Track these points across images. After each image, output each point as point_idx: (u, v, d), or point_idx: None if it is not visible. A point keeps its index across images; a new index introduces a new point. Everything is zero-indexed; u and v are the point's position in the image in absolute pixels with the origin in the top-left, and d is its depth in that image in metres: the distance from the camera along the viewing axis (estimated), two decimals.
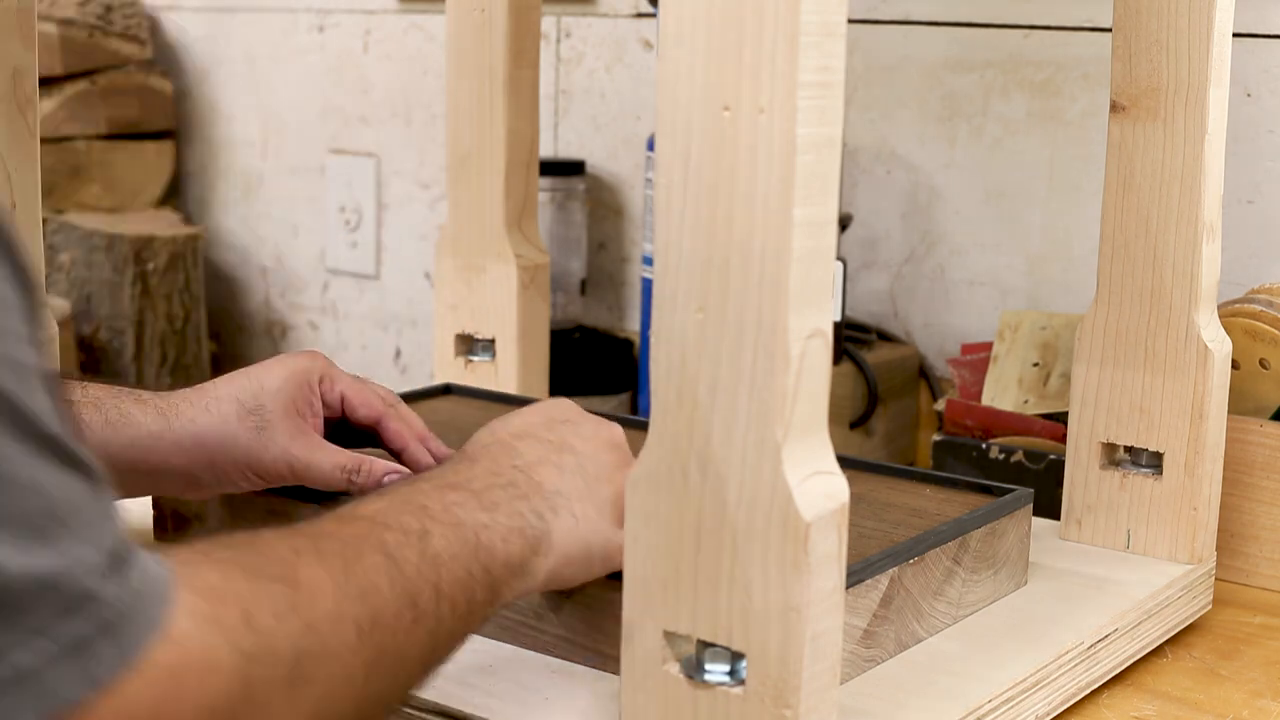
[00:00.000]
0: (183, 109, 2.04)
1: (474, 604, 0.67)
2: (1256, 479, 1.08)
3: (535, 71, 1.24)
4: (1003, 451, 1.19)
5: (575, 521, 0.74)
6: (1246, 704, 0.89)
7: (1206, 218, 0.96)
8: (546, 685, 0.79)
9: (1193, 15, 0.94)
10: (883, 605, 0.81)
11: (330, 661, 0.57)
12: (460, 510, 0.68)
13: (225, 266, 2.04)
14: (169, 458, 0.85)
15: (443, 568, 0.65)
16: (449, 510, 0.68)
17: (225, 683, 0.53)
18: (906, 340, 1.50)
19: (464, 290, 1.26)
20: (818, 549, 0.63)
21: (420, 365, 1.86)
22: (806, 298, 0.62)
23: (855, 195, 1.50)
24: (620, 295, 1.68)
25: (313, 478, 0.86)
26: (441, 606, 0.64)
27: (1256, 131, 1.29)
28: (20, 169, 1.00)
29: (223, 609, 0.54)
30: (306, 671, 0.56)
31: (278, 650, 0.55)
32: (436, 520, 0.67)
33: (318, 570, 0.59)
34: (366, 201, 1.88)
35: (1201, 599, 1.00)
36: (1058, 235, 1.40)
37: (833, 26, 0.61)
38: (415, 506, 0.67)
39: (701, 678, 0.66)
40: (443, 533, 0.66)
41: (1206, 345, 0.97)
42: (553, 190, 1.62)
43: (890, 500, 0.93)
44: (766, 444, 0.63)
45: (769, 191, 0.61)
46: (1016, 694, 0.81)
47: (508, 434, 0.77)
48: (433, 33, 1.79)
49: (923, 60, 1.45)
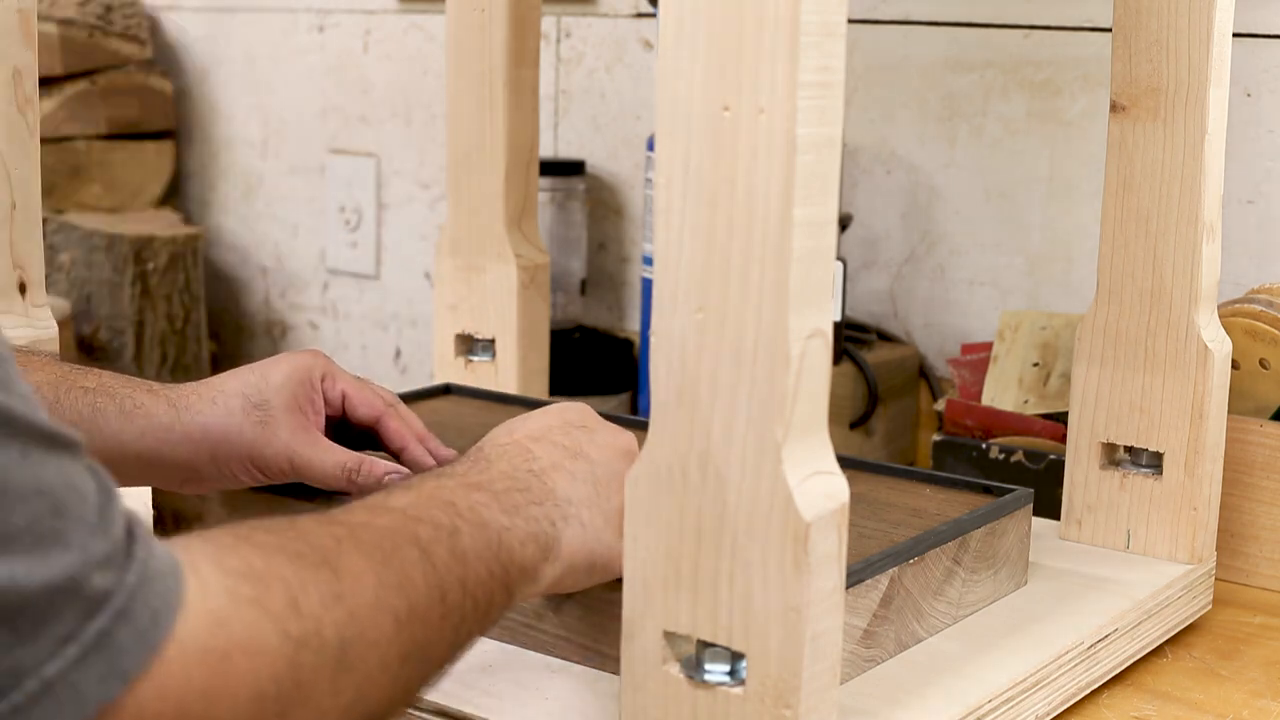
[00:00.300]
0: (183, 109, 2.04)
1: (492, 604, 0.67)
2: (1256, 479, 1.08)
3: (535, 71, 1.24)
4: (1003, 451, 1.19)
5: (583, 530, 0.74)
6: (1246, 704, 0.89)
7: (1206, 218, 0.96)
8: (546, 685, 0.79)
9: (1193, 15, 0.94)
10: (883, 605, 0.81)
11: (370, 651, 0.58)
12: (484, 511, 0.69)
13: (225, 266, 2.04)
14: (177, 449, 0.86)
15: (469, 567, 0.65)
16: (474, 509, 0.68)
17: (273, 666, 0.53)
18: (906, 340, 1.50)
19: (464, 290, 1.26)
20: (818, 549, 0.63)
21: (420, 365, 1.86)
22: (806, 298, 0.62)
23: (855, 195, 1.50)
24: (620, 295, 1.68)
25: (313, 474, 0.87)
26: (466, 603, 0.65)
27: (1256, 131, 1.29)
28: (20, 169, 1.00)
29: (267, 593, 0.54)
30: (350, 659, 0.56)
31: (324, 636, 0.55)
32: (464, 518, 0.67)
33: (359, 560, 0.59)
34: (366, 201, 1.88)
35: (1201, 599, 1.00)
36: (1058, 235, 1.40)
37: (833, 26, 0.61)
38: (443, 503, 0.67)
39: (701, 678, 0.66)
40: (470, 532, 0.67)
41: (1206, 345, 0.97)
42: (553, 190, 1.62)
43: (890, 500, 0.93)
44: (766, 444, 0.63)
45: (769, 191, 0.61)
46: (1016, 694, 0.81)
47: (525, 435, 0.77)
48: (433, 33, 1.79)
49: (923, 60, 1.45)
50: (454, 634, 0.64)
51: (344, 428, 0.92)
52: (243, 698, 0.52)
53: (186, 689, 0.50)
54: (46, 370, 0.86)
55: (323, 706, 0.56)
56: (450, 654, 0.65)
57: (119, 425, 0.85)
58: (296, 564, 0.56)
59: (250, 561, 0.54)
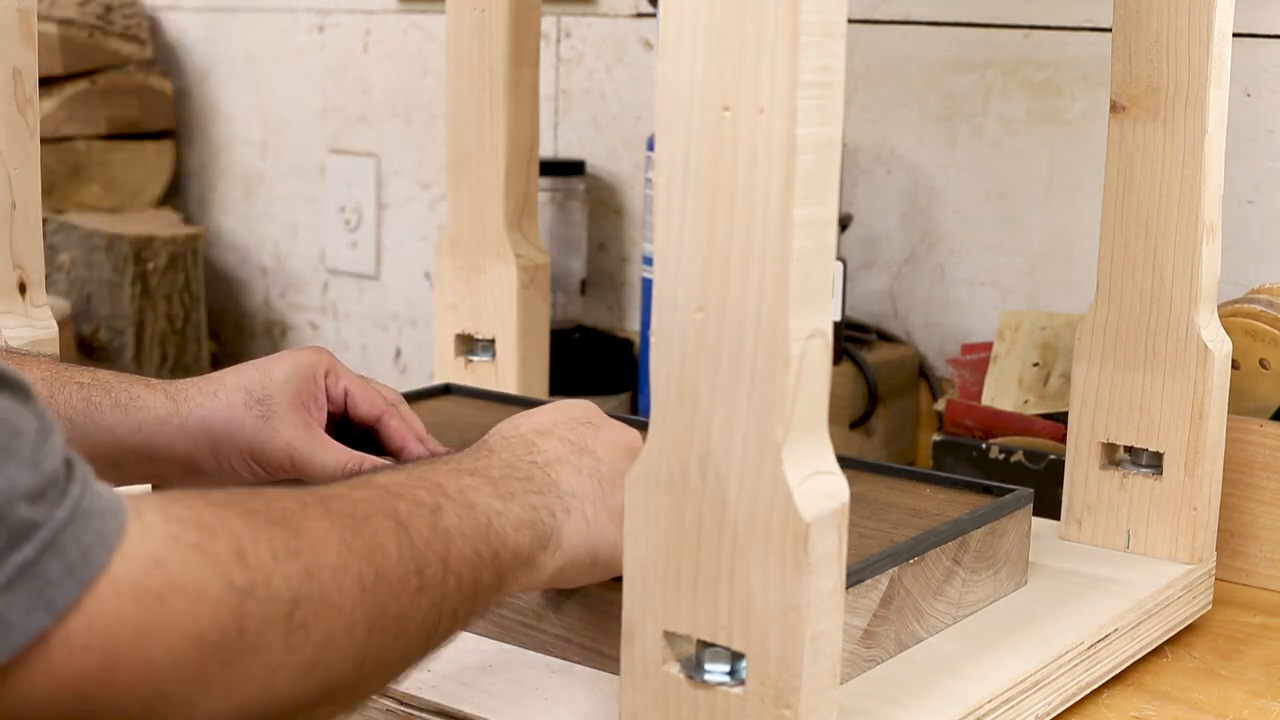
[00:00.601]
0: (183, 109, 2.04)
1: (480, 586, 0.67)
2: (1256, 479, 1.08)
3: (535, 71, 1.24)
4: (1003, 451, 1.19)
5: (586, 524, 0.74)
6: (1246, 704, 0.89)
7: (1206, 218, 0.96)
8: (546, 685, 0.79)
9: (1193, 15, 0.94)
10: (883, 605, 0.81)
11: (331, 612, 0.58)
12: (475, 494, 0.69)
13: (225, 266, 2.04)
14: (174, 442, 0.86)
15: (452, 544, 0.65)
16: (464, 492, 0.68)
17: (213, 611, 0.53)
18: (906, 340, 1.50)
19: (464, 290, 1.26)
20: (818, 549, 0.63)
21: (420, 365, 1.86)
22: (806, 298, 0.62)
23: (855, 195, 1.50)
24: (620, 295, 1.68)
25: (314, 471, 0.87)
26: (448, 581, 0.64)
27: (1256, 131, 1.29)
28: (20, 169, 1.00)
29: (213, 542, 0.54)
30: (305, 617, 0.56)
31: (273, 588, 0.55)
32: (450, 498, 0.67)
33: (324, 524, 0.59)
34: (366, 201, 1.88)
35: (1201, 599, 1.00)
36: (1058, 235, 1.40)
37: (833, 26, 0.61)
38: (430, 483, 0.67)
39: (701, 678, 0.66)
40: (455, 511, 0.66)
41: (1206, 345, 0.97)
42: (553, 190, 1.62)
43: (890, 500, 0.93)
44: (766, 444, 0.63)
45: (769, 191, 0.61)
46: (1016, 694, 0.81)
47: (530, 429, 0.77)
48: (433, 33, 1.79)
49: (923, 60, 1.46)
50: (433, 610, 0.63)
51: (345, 426, 0.92)
52: (178, 640, 0.52)
53: (118, 626, 0.50)
54: (41, 368, 0.86)
55: (274, 661, 0.55)
56: (431, 631, 0.64)
57: (114, 419, 0.85)
58: (249, 519, 0.56)
59: (199, 513, 0.55)
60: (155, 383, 0.87)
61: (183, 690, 0.52)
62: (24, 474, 0.49)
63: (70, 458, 0.52)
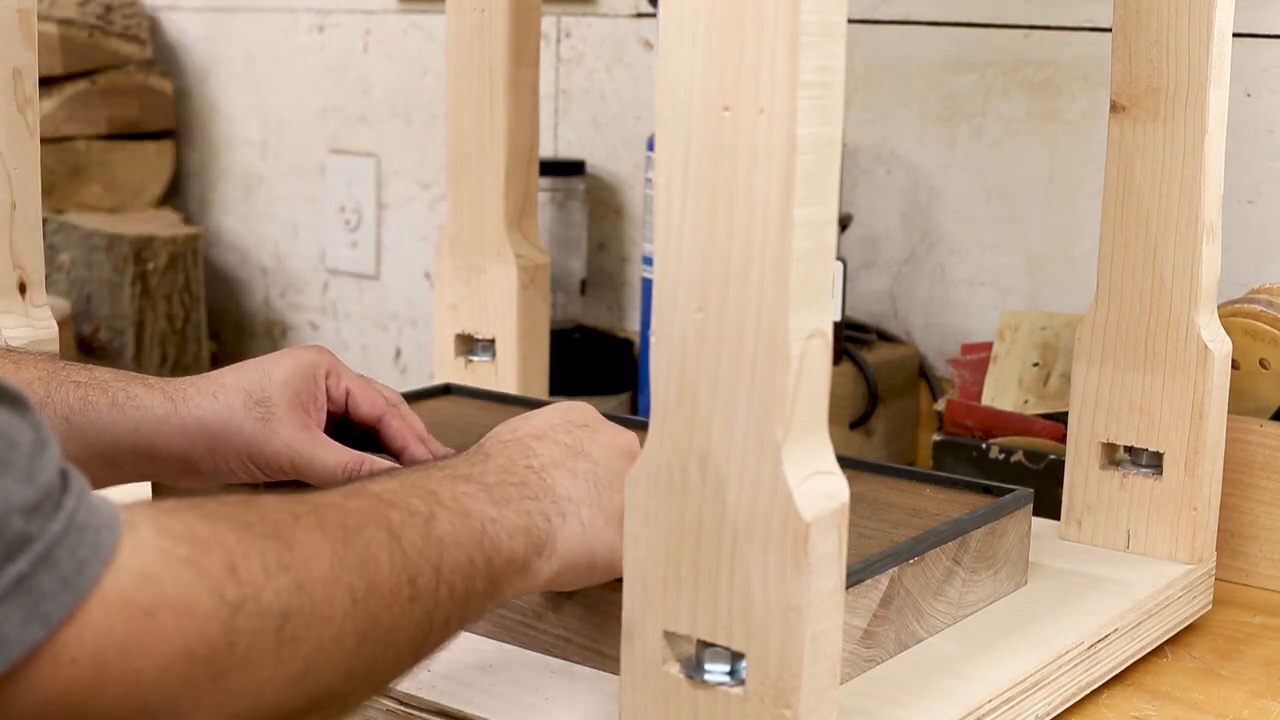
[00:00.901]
0: (183, 109, 2.04)
1: (473, 593, 0.67)
2: (1256, 479, 1.08)
3: (535, 71, 1.24)
4: (1003, 451, 1.19)
5: (582, 528, 0.74)
6: (1246, 704, 0.89)
7: (1206, 218, 0.96)
8: (546, 685, 0.79)
9: (1193, 15, 0.94)
10: (883, 605, 0.81)
11: (321, 624, 0.57)
12: (469, 500, 0.68)
13: (225, 266, 2.04)
14: (172, 442, 0.85)
15: (445, 552, 0.65)
16: (458, 499, 0.68)
17: (203, 626, 0.53)
18: (906, 340, 1.50)
19: (464, 290, 1.26)
20: (818, 549, 0.63)
21: (420, 365, 1.86)
22: (806, 298, 0.62)
23: (855, 195, 1.50)
24: (620, 295, 1.68)
25: (314, 473, 0.86)
26: (440, 589, 0.64)
27: (1256, 131, 1.29)
28: (20, 169, 1.00)
29: (205, 556, 0.54)
30: (296, 630, 0.56)
31: (264, 603, 0.55)
32: (444, 506, 0.67)
33: (316, 536, 0.59)
34: (366, 201, 1.88)
35: (1201, 599, 1.00)
36: (1058, 235, 1.40)
37: (833, 26, 0.61)
38: (424, 491, 0.67)
39: (701, 678, 0.66)
40: (449, 518, 0.66)
41: (1206, 345, 0.97)
42: (553, 190, 1.62)
43: (890, 500, 0.93)
44: (766, 444, 0.63)
45: (769, 191, 0.61)
46: (1016, 694, 0.81)
47: (526, 433, 0.77)
48: (433, 33, 1.79)
49: (923, 60, 1.46)
50: (425, 619, 0.63)
51: (345, 426, 0.91)
52: (167, 655, 0.52)
53: (106, 641, 0.50)
54: (37, 366, 0.85)
55: (265, 675, 0.55)
56: (422, 640, 0.64)
57: (111, 418, 0.84)
58: (243, 533, 0.56)
59: (192, 526, 0.55)
60: (153, 381, 0.87)
61: (171, 704, 0.52)
62: (19, 487, 0.49)
63: (66, 470, 0.52)
